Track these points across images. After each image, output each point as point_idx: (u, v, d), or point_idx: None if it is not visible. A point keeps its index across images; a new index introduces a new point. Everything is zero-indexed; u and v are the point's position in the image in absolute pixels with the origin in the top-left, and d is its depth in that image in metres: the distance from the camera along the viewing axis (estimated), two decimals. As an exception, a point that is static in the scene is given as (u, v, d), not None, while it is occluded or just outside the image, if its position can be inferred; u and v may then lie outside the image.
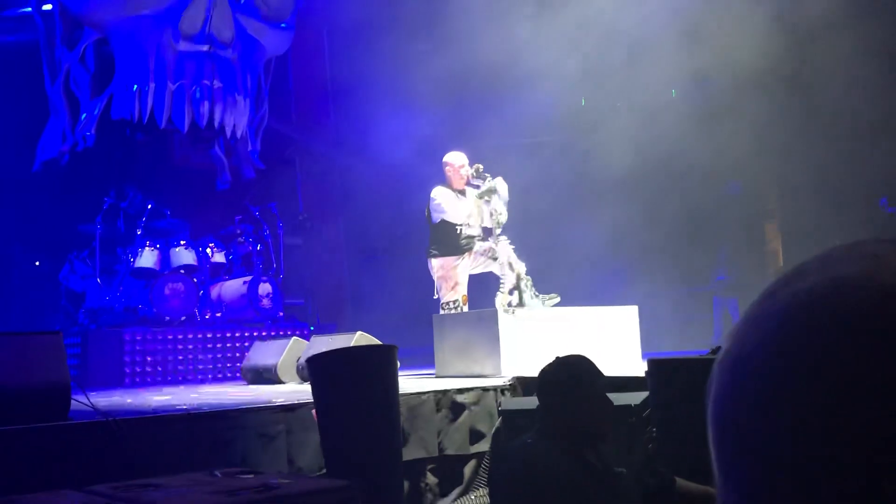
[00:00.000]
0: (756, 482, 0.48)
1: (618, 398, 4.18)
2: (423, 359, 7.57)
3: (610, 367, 5.36)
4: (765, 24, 9.98)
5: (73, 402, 4.09)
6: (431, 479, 4.88)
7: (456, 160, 7.29)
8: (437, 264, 7.19)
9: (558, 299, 6.90)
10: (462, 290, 7.19)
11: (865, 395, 0.43)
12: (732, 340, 0.52)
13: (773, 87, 10.44)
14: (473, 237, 7.15)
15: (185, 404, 4.96)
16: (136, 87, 9.41)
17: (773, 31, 9.98)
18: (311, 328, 9.69)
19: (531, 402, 3.46)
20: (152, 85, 9.36)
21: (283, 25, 10.33)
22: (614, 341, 6.43)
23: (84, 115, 9.60)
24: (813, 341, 0.46)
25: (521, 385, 5.34)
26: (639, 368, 5.43)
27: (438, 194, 7.17)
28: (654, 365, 3.59)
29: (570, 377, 3.01)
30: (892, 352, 0.43)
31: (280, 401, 4.68)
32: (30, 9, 9.88)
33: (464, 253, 7.12)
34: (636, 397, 4.30)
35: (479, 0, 10.77)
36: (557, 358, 3.20)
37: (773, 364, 0.47)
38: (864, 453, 0.43)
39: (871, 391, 0.43)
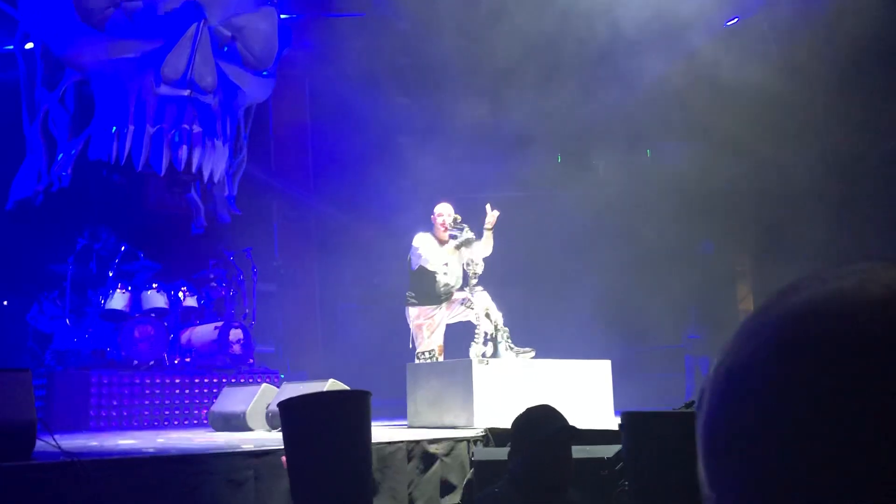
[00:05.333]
0: (749, 491, 0.48)
1: (590, 451, 4.17)
2: (396, 409, 7.50)
3: (583, 420, 5.35)
4: (738, 83, 10.23)
5: (38, 442, 4.01)
6: (401, 530, 4.80)
7: (439, 209, 7.35)
8: (414, 313, 7.19)
9: (533, 353, 6.89)
10: (438, 340, 7.18)
11: (862, 403, 0.44)
12: (726, 353, 0.52)
13: (746, 148, 10.65)
14: (452, 286, 7.16)
15: (151, 448, 4.87)
16: (114, 128, 9.40)
17: (748, 88, 10.23)
18: (282, 376, 9.59)
19: (503, 452, 3.44)
20: (131, 127, 9.35)
21: (265, 73, 10.41)
22: (587, 395, 6.43)
23: (61, 156, 9.56)
24: (809, 350, 0.47)
25: (494, 436, 5.30)
26: (611, 422, 5.42)
27: (418, 240, 7.20)
28: (628, 417, 3.59)
29: (532, 426, 3.01)
30: (887, 359, 0.44)
31: (249, 446, 4.61)
32: (11, 47, 9.89)
33: (442, 302, 7.12)
34: (609, 450, 4.28)
35: (458, 54, 10.94)
36: (533, 406, 3.21)
37: (769, 373, 0.48)
38: (862, 463, 0.43)
39: (867, 399, 0.44)
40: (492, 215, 7.14)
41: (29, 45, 9.75)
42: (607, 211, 11.56)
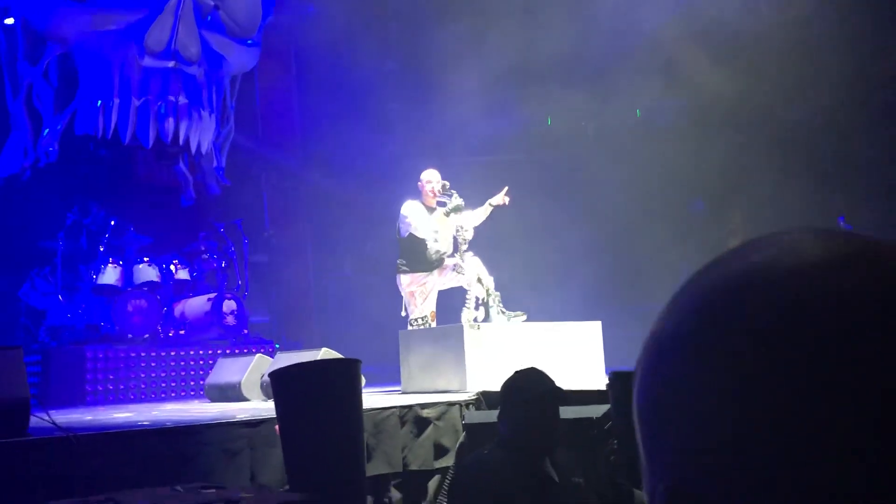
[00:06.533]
0: (674, 461, 0.49)
1: (579, 411, 4.22)
2: (390, 375, 7.56)
3: (574, 381, 5.41)
4: (730, 47, 10.20)
5: (32, 418, 4.04)
6: (395, 494, 4.87)
7: (426, 176, 7.34)
8: (406, 280, 7.20)
9: (524, 317, 6.94)
10: (431, 307, 7.21)
11: (766, 372, 0.45)
12: (656, 324, 0.54)
13: (738, 107, 10.63)
14: (443, 253, 7.18)
15: (147, 421, 4.91)
16: (100, 102, 9.34)
17: (738, 55, 10.20)
18: (277, 346, 9.63)
19: (494, 415, 3.48)
20: (116, 100, 9.30)
21: (249, 42, 10.33)
22: (578, 356, 6.48)
23: (47, 131, 9.50)
24: (722, 323, 0.48)
25: (486, 399, 5.36)
26: (602, 383, 5.47)
27: (407, 208, 7.20)
28: (615, 377, 3.64)
29: (520, 388, 3.05)
30: (791, 328, 0.46)
31: (243, 416, 4.65)
32: (-8, 22, 9.79)
33: (433, 269, 7.15)
34: (598, 410, 4.34)
35: (448, 20, 10.86)
36: (521, 370, 3.24)
37: (687, 344, 0.49)
38: (765, 429, 0.45)
39: (772, 368, 0.45)
40: (502, 198, 7.19)
41: (9, 21, 9.64)
42: (598, 172, 11.55)
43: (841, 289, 0.46)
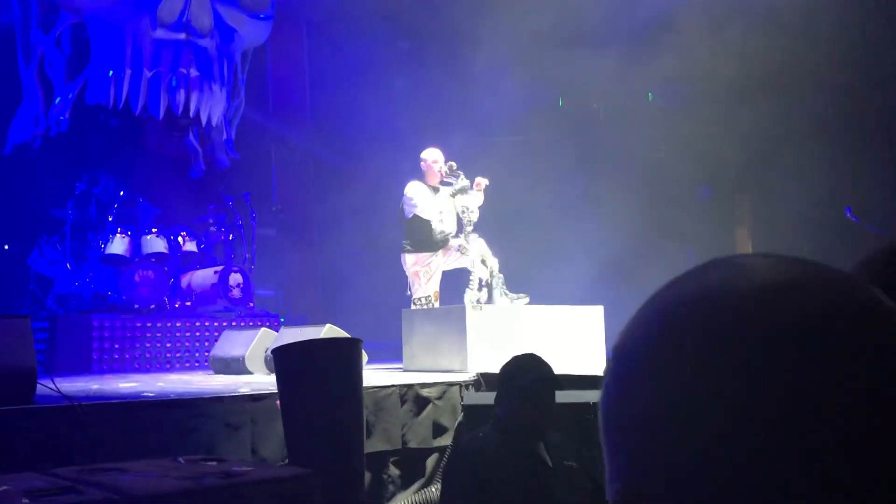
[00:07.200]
0: (628, 463, 0.54)
1: (577, 396, 4.27)
2: (393, 352, 7.63)
3: (574, 365, 5.46)
4: (743, 29, 10.15)
5: (39, 386, 4.11)
6: (394, 471, 4.94)
7: (430, 156, 7.35)
8: (410, 260, 7.25)
9: (527, 299, 6.98)
10: (434, 286, 7.26)
11: (705, 388, 0.50)
12: (618, 338, 0.58)
13: (748, 93, 10.59)
14: (447, 233, 7.22)
15: (151, 392, 4.99)
16: (111, 72, 9.37)
17: (750, 37, 10.15)
18: (282, 319, 9.71)
19: (492, 397, 3.54)
20: (128, 71, 9.32)
21: (261, 16, 10.33)
22: (580, 340, 6.53)
23: (58, 100, 9.54)
24: (672, 340, 0.53)
25: (485, 381, 5.42)
26: (601, 368, 5.51)
27: (411, 189, 7.23)
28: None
29: (517, 374, 3.10)
30: (730, 348, 0.50)
31: (246, 391, 4.72)
32: (5, -10, 9.81)
33: (438, 249, 7.18)
34: (595, 395, 4.38)
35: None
36: (519, 355, 3.29)
37: (641, 358, 0.54)
38: (698, 434, 0.50)
39: (719, 386, 0.50)
40: (478, 184, 7.16)
41: (23, -12, 9.66)
42: (605, 156, 11.55)
43: (779, 315, 0.51)
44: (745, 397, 0.49)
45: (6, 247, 10.00)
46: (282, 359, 3.98)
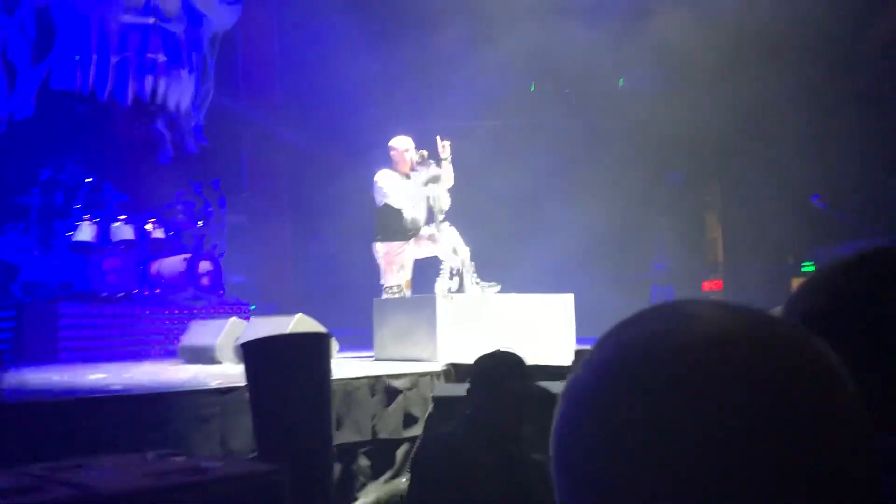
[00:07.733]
0: (570, 486, 0.58)
1: (546, 386, 4.29)
2: (364, 340, 7.61)
3: (545, 354, 5.49)
4: (714, 14, 10.19)
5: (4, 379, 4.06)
6: (364, 461, 4.95)
7: (401, 144, 7.31)
8: (382, 249, 7.21)
9: (499, 287, 6.99)
10: (406, 275, 7.25)
11: (658, 432, 0.54)
12: (571, 376, 0.62)
13: (719, 79, 10.66)
14: (418, 221, 7.20)
15: (119, 384, 4.94)
16: (77, 57, 9.23)
17: (725, 21, 10.19)
18: (253, 307, 9.65)
19: (463, 388, 3.54)
20: (94, 56, 9.20)
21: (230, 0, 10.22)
22: (551, 328, 6.56)
23: (23, 85, 9.38)
24: (612, 383, 0.57)
25: (456, 371, 5.43)
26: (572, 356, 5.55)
27: (381, 178, 7.19)
28: (580, 355, 3.69)
29: (487, 373, 3.10)
30: (665, 398, 0.54)
31: (216, 383, 4.70)
32: (-34, -28, 9.60)
33: (409, 238, 7.16)
34: (563, 386, 4.40)
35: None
36: (493, 351, 3.28)
37: (581, 395, 0.58)
38: (629, 470, 0.54)
39: (662, 428, 0.54)
40: (443, 146, 7.14)
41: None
42: (577, 141, 11.58)
43: (712, 369, 0.54)
44: (676, 455, 0.53)
45: (-30, 234, 9.84)
46: (249, 354, 3.96)
